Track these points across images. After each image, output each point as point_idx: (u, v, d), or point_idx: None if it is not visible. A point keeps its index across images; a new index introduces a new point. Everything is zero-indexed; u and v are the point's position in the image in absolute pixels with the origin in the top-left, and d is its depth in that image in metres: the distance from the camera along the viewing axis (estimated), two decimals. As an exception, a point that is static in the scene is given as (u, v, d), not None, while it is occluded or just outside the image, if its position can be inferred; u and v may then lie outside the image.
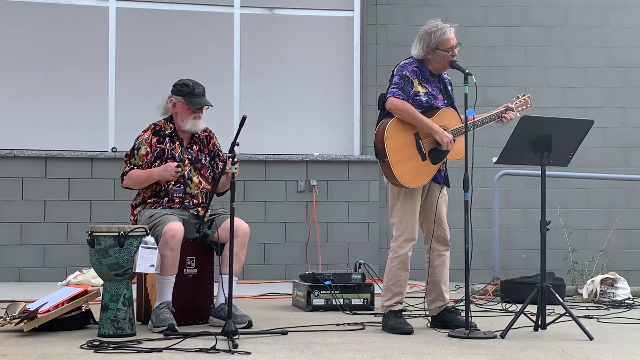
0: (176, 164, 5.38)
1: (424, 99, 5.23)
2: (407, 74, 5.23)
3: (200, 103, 5.47)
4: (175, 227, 5.17)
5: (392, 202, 5.30)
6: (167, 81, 5.61)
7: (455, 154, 5.25)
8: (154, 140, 5.48)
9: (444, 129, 5.21)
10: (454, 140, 5.22)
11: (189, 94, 5.46)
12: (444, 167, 5.35)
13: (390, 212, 5.31)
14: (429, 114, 5.22)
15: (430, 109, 5.24)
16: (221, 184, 5.53)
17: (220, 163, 5.59)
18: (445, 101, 5.34)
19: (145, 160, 5.43)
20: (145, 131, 5.53)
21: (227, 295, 4.97)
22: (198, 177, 5.52)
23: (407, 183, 5.16)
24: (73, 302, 5.14)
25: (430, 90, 5.27)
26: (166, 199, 5.43)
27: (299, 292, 6.45)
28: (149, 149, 5.45)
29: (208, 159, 5.60)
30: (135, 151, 5.46)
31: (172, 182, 5.44)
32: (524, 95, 5.69)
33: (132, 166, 5.45)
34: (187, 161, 5.49)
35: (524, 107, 5.65)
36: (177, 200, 5.44)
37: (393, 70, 5.32)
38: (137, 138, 5.50)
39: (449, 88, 5.40)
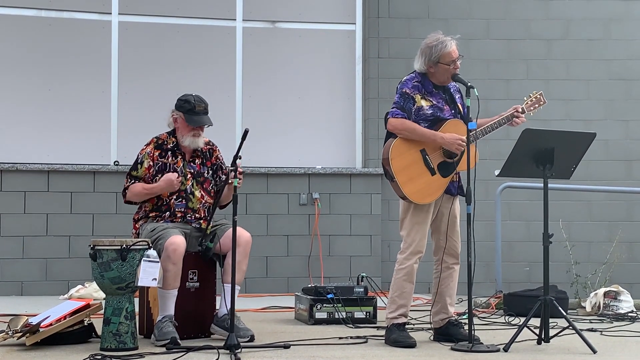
0: (176, 174, 5.37)
1: (428, 112, 5.23)
2: (408, 90, 5.23)
3: (199, 122, 5.45)
4: (177, 241, 5.16)
5: (403, 215, 5.30)
6: (170, 95, 5.62)
7: (464, 164, 5.23)
8: (156, 154, 5.48)
9: None
10: (462, 152, 5.20)
11: (189, 111, 5.44)
12: (457, 178, 5.34)
13: (401, 225, 5.31)
14: (435, 126, 5.22)
15: (436, 121, 5.24)
16: (223, 196, 5.54)
17: (223, 175, 5.59)
18: (453, 111, 5.32)
19: (148, 174, 5.44)
20: (147, 145, 5.53)
21: (229, 308, 4.96)
22: (200, 192, 5.52)
23: (418, 200, 5.16)
24: (75, 316, 5.13)
25: (435, 102, 5.27)
26: (168, 213, 5.43)
27: (302, 306, 6.44)
28: (151, 163, 5.45)
29: (211, 172, 5.60)
30: (139, 165, 5.46)
31: (175, 197, 5.43)
32: (535, 93, 5.54)
33: (133, 180, 5.45)
34: (189, 175, 5.49)
35: (537, 105, 5.51)
36: (179, 215, 5.44)
37: (397, 87, 5.33)
38: (140, 152, 5.51)
39: (457, 96, 5.38)
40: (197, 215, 5.48)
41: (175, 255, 5.13)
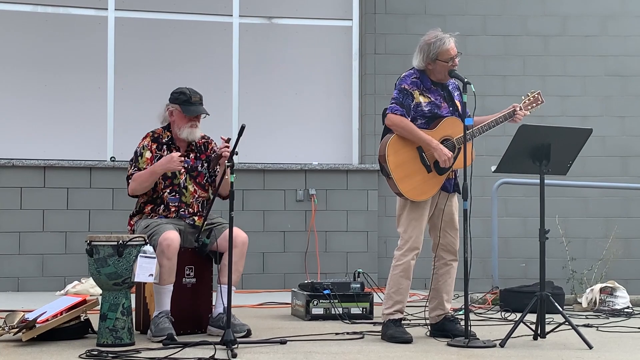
0: (179, 153, 5.36)
1: (426, 109, 5.23)
2: (406, 86, 5.23)
3: (197, 111, 5.46)
4: (170, 236, 5.16)
5: (399, 211, 5.30)
6: (166, 90, 5.62)
7: (460, 162, 5.22)
8: (154, 146, 5.48)
9: (448, 139, 5.21)
10: (459, 150, 5.20)
11: (185, 102, 5.45)
12: (453, 175, 5.34)
13: (398, 221, 5.31)
14: (433, 124, 5.22)
15: (433, 118, 5.23)
16: (221, 189, 5.48)
17: (212, 154, 5.56)
18: (450, 108, 5.31)
19: (151, 165, 5.41)
20: (144, 138, 5.52)
21: (225, 305, 4.97)
22: (193, 186, 5.51)
23: (413, 197, 5.16)
24: (72, 312, 5.13)
25: (433, 99, 5.26)
26: (162, 206, 5.42)
27: (298, 301, 6.44)
28: (151, 154, 5.44)
29: (205, 165, 5.59)
30: (139, 157, 5.44)
31: (168, 191, 5.42)
32: (533, 92, 5.55)
33: (137, 169, 5.42)
34: (183, 170, 5.48)
35: (535, 104, 5.52)
36: (172, 210, 5.43)
37: (395, 83, 5.32)
38: (138, 145, 5.50)
39: (455, 94, 5.37)
40: (190, 210, 5.47)
41: (170, 251, 5.13)
